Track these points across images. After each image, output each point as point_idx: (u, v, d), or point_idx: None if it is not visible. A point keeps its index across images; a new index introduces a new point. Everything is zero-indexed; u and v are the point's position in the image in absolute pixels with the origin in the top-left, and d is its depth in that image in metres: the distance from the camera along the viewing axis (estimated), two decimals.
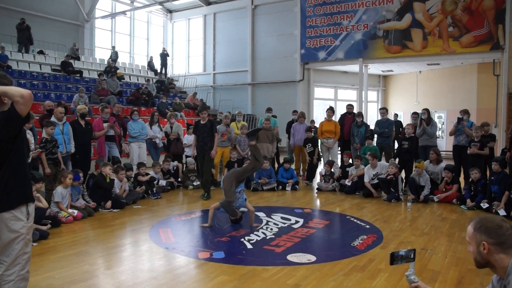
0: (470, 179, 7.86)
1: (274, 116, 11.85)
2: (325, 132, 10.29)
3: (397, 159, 9.53)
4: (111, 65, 18.93)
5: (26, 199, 2.90)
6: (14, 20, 16.92)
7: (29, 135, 6.66)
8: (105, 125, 8.98)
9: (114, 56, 20.20)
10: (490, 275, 4.15)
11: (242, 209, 6.32)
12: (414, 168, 8.53)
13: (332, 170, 9.61)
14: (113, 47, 20.94)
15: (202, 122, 8.42)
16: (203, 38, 23.44)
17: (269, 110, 11.56)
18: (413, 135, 9.32)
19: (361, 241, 5.34)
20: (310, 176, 10.29)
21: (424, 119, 9.32)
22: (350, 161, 9.72)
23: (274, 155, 10.53)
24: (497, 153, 10.02)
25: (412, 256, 2.54)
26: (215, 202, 6.47)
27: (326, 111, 10.59)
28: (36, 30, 17.77)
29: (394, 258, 2.53)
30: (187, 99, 19.09)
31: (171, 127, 10.34)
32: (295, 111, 11.75)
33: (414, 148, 9.27)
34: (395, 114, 16.83)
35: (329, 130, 10.25)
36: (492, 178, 7.33)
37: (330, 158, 10.19)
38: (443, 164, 8.52)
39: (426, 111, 9.50)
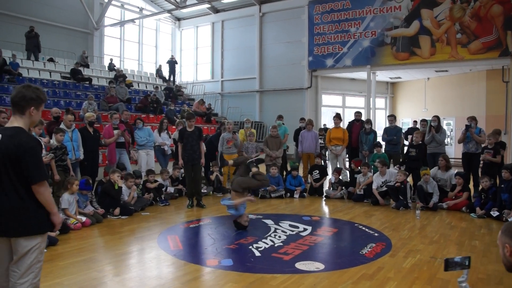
0: (480, 187, 7.79)
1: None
2: (333, 139, 10.27)
3: (403, 166, 9.46)
4: (120, 72, 19.10)
5: (45, 228, 2.88)
6: (24, 28, 17.10)
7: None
8: (115, 132, 9.04)
9: (113, 67, 20.31)
10: (501, 285, 4.11)
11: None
12: (421, 175, 8.47)
13: (340, 177, 9.58)
14: (111, 59, 21.06)
15: (189, 129, 8.24)
16: (211, 46, 23.57)
17: (280, 117, 11.58)
18: (420, 142, 9.27)
19: (369, 249, 5.31)
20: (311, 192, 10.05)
21: (434, 126, 9.28)
22: (359, 168, 9.68)
23: (282, 161, 10.53)
24: (507, 160, 9.94)
25: (467, 263, 2.55)
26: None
27: (333, 118, 10.57)
28: (46, 38, 17.98)
29: (449, 265, 2.54)
30: (193, 107, 19.11)
31: None
32: (302, 119, 11.74)
33: (422, 156, 9.20)
34: (414, 121, 16.52)
35: (337, 137, 10.23)
36: (502, 186, 7.25)
37: (338, 166, 10.16)
38: (452, 171, 8.47)
39: (437, 118, 9.47)
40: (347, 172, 10.24)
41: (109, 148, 9.12)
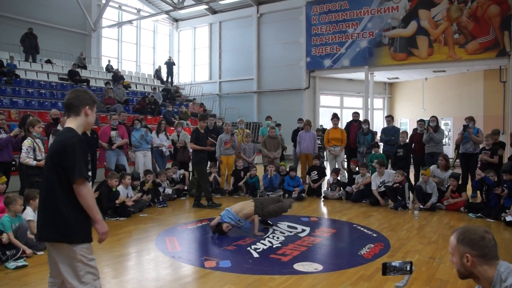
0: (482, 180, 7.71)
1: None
2: (332, 139, 10.25)
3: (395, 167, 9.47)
4: (118, 73, 19.10)
5: (80, 238, 2.72)
6: (22, 30, 17.07)
7: (41, 144, 6.71)
8: (113, 133, 9.03)
9: (111, 68, 20.31)
10: None
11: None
12: (420, 176, 8.48)
13: (339, 178, 9.58)
14: (109, 61, 21.08)
15: (202, 131, 8.35)
16: (209, 47, 23.56)
17: (268, 118, 11.78)
18: (407, 142, 9.34)
19: (368, 250, 5.30)
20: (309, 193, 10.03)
21: (432, 126, 9.29)
22: (357, 168, 9.69)
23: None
24: (506, 160, 9.94)
25: (408, 269, 2.45)
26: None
27: (332, 120, 10.55)
28: (44, 40, 17.95)
29: (387, 269, 2.44)
30: (190, 108, 19.07)
31: (178, 136, 10.39)
32: (300, 119, 11.74)
33: (409, 155, 9.26)
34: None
35: (335, 137, 10.21)
36: (505, 185, 7.24)
37: (336, 166, 10.15)
38: (451, 171, 8.48)
39: (435, 118, 9.49)
40: (345, 172, 10.24)
41: (101, 150, 9.18)
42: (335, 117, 10.50)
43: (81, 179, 2.62)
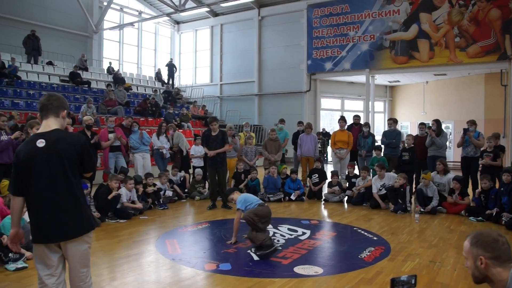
0: (480, 189, 7.72)
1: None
2: (338, 142, 10.18)
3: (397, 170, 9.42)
4: (119, 75, 19.13)
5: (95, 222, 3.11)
6: (24, 31, 17.13)
7: None
8: (110, 135, 9.04)
9: (112, 70, 20.35)
10: None
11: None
12: (420, 179, 8.46)
13: (339, 180, 9.53)
14: (110, 63, 21.10)
15: (213, 133, 8.36)
16: (210, 49, 23.59)
17: (281, 121, 11.59)
18: (412, 145, 9.31)
19: (368, 253, 5.29)
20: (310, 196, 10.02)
21: (434, 130, 9.28)
22: (356, 172, 9.65)
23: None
24: (506, 164, 9.93)
25: (413, 282, 2.51)
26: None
27: (339, 122, 10.47)
28: (45, 41, 17.98)
29: (395, 284, 2.50)
30: (191, 110, 19.08)
31: (172, 139, 10.43)
32: (300, 122, 11.68)
33: (415, 158, 9.24)
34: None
35: (342, 140, 10.14)
36: (502, 189, 7.22)
37: (341, 170, 10.06)
38: (450, 174, 8.45)
39: (435, 122, 9.48)
40: (343, 176, 10.14)
41: (104, 152, 9.19)
42: (342, 120, 10.43)
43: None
